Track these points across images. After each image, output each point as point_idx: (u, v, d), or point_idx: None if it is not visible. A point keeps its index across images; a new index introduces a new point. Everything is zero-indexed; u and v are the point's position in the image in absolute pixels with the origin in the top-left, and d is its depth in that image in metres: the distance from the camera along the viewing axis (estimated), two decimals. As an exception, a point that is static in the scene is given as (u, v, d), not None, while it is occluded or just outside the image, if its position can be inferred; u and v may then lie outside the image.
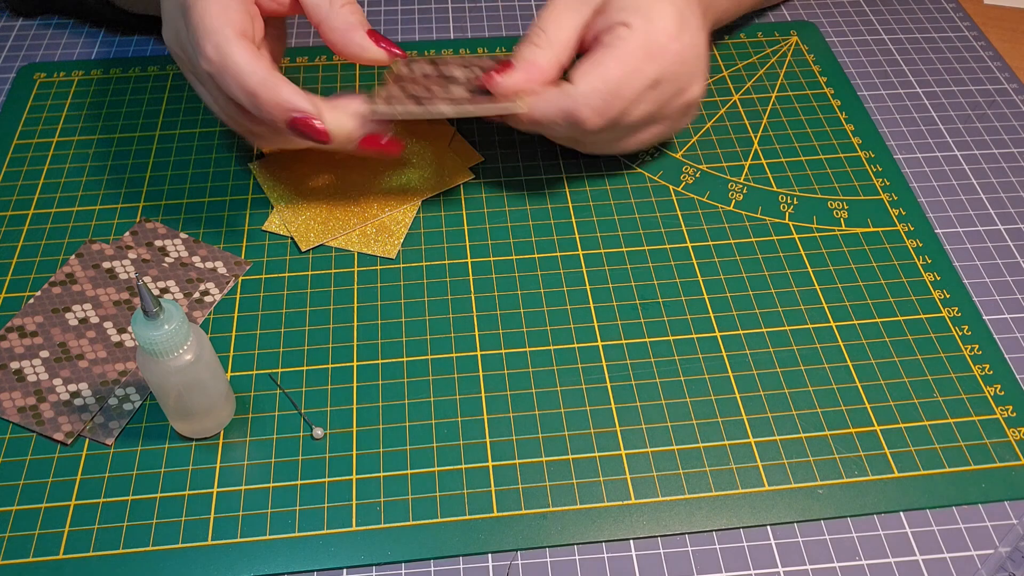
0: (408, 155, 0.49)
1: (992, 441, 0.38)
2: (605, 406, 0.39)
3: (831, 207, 0.47)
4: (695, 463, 0.37)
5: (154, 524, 0.35)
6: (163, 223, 0.46)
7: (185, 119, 0.51)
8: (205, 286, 0.43)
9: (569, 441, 0.38)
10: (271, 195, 0.47)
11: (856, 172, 0.49)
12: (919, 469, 0.37)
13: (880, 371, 0.40)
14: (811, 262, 0.45)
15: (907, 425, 0.38)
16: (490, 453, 0.37)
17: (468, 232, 0.46)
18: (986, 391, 0.40)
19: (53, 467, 0.37)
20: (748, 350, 0.41)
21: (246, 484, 0.36)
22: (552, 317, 0.42)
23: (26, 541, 0.35)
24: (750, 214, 0.47)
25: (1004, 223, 0.47)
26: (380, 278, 0.44)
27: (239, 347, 0.41)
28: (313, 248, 0.45)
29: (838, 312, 0.43)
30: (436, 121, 0.51)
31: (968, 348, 0.41)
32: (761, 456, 0.37)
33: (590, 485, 0.37)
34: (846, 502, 0.36)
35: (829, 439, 0.38)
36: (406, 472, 0.37)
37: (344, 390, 0.39)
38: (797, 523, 0.36)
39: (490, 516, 0.36)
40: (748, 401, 0.39)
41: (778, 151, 0.50)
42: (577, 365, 0.40)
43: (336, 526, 0.35)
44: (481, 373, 0.40)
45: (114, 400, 0.39)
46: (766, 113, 0.52)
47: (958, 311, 0.43)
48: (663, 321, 0.42)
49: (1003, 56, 0.57)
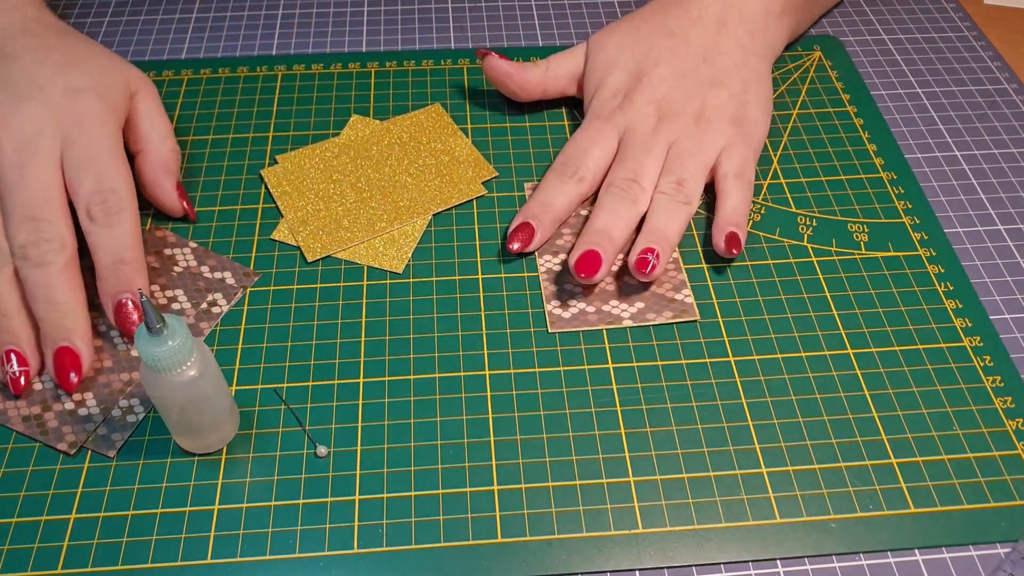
0: (420, 168, 0.48)
1: (1013, 477, 0.37)
2: (615, 431, 0.38)
3: (851, 229, 0.46)
4: (705, 492, 0.36)
5: (153, 540, 0.35)
6: (172, 231, 0.45)
7: (198, 126, 0.51)
8: (213, 296, 0.43)
9: (577, 466, 0.37)
10: (281, 202, 0.46)
11: (878, 194, 0.48)
12: (936, 505, 0.36)
13: (898, 401, 0.39)
14: (829, 286, 0.44)
15: (925, 459, 0.37)
16: (496, 476, 0.37)
17: (480, 248, 0.45)
18: (1008, 425, 0.39)
19: (54, 479, 0.37)
20: (762, 376, 0.40)
21: (247, 502, 0.36)
22: (563, 338, 0.41)
23: (24, 554, 0.34)
24: (768, 235, 0.46)
25: (1004, 223, 0.46)
26: (389, 292, 0.43)
27: (245, 360, 0.40)
28: (321, 259, 0.44)
29: (856, 339, 0.42)
30: (449, 133, 0.50)
31: (990, 379, 0.40)
32: (773, 487, 0.37)
33: (597, 512, 0.36)
34: (860, 537, 0.35)
35: (843, 471, 0.37)
36: (410, 494, 0.36)
37: (349, 407, 0.39)
38: (808, 558, 0.35)
39: (494, 542, 0.35)
40: (761, 429, 0.38)
41: (798, 170, 0.49)
42: (587, 387, 0.40)
43: (337, 548, 0.35)
44: (489, 393, 0.39)
45: (117, 412, 0.38)
46: (787, 131, 0.51)
47: (980, 340, 0.41)
48: (675, 344, 0.41)
49: (1003, 56, 0.57)
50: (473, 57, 0.56)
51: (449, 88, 0.54)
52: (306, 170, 0.48)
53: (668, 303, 0.42)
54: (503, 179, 0.48)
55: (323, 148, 0.49)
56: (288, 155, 0.49)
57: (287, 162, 0.48)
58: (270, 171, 0.48)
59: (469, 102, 0.53)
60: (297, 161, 0.48)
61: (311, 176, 0.48)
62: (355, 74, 0.54)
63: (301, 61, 0.55)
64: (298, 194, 0.47)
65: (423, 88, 0.53)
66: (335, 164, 0.48)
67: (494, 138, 0.51)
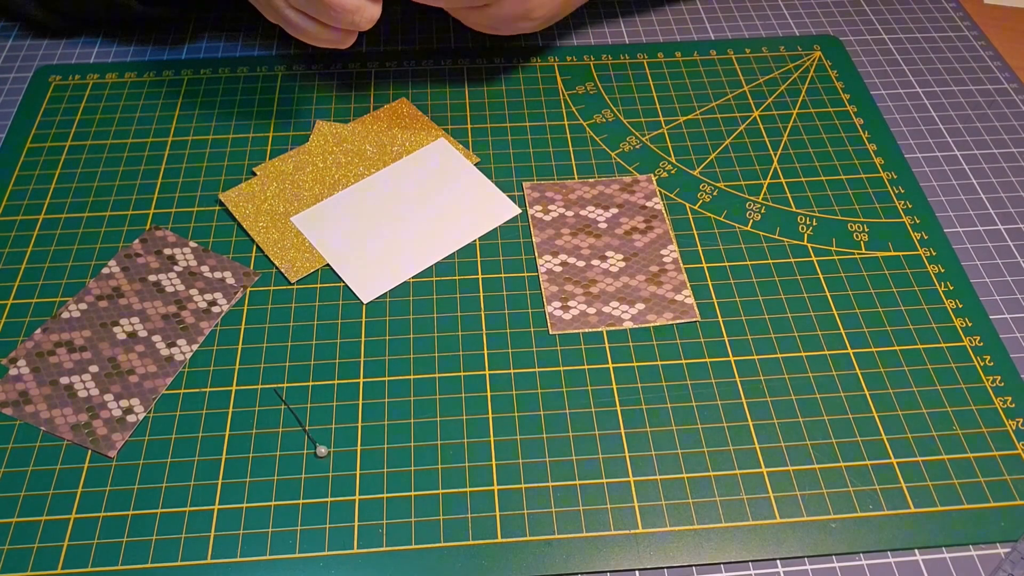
0: (393, 159, 0.48)
1: (1013, 477, 0.37)
2: (615, 431, 0.38)
3: (851, 229, 0.46)
4: (705, 492, 0.36)
5: (154, 540, 0.35)
6: (173, 231, 0.45)
7: (198, 126, 0.51)
8: (213, 296, 0.43)
9: (577, 466, 0.37)
10: (250, 227, 0.45)
11: (878, 194, 0.48)
12: (936, 505, 0.36)
13: (898, 401, 0.39)
14: (829, 286, 0.44)
15: (925, 459, 0.37)
16: (496, 476, 0.37)
17: (480, 248, 0.45)
18: (1008, 425, 0.39)
19: (54, 479, 0.37)
20: (762, 376, 0.40)
21: (247, 502, 0.36)
22: (563, 338, 0.41)
23: (24, 554, 0.34)
24: (767, 235, 0.46)
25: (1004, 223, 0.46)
26: (389, 293, 0.43)
27: (245, 360, 0.40)
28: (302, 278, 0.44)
29: (856, 339, 0.42)
30: (420, 125, 0.50)
31: (990, 379, 0.40)
32: (773, 487, 0.37)
33: (597, 512, 0.36)
34: (860, 537, 0.35)
35: (843, 471, 0.37)
36: (410, 494, 0.36)
37: (349, 407, 0.39)
38: (808, 558, 0.35)
39: (494, 542, 0.35)
40: (761, 429, 0.38)
41: (798, 170, 0.49)
42: (587, 387, 0.40)
43: (337, 547, 0.35)
44: (489, 393, 0.39)
45: (118, 412, 0.38)
46: (787, 130, 0.51)
47: (980, 340, 0.41)
48: (675, 344, 0.41)
49: (1003, 56, 0.57)
50: (473, 57, 0.56)
51: (449, 88, 0.54)
52: (268, 189, 0.47)
53: (668, 304, 0.42)
54: (503, 179, 0.48)
55: (282, 162, 0.48)
56: (242, 186, 0.47)
57: (248, 184, 0.47)
58: (227, 195, 0.47)
59: (469, 101, 0.53)
60: (257, 181, 0.47)
61: (274, 195, 0.47)
62: (355, 74, 0.54)
63: (301, 61, 0.55)
64: (266, 217, 0.45)
65: (423, 88, 0.53)
66: (297, 178, 0.47)
67: (494, 138, 0.51)
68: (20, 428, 0.38)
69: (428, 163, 0.48)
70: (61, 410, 0.38)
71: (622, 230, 0.46)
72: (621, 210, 0.46)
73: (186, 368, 0.40)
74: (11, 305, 0.42)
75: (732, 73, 0.55)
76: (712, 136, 0.51)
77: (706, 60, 0.56)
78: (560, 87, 0.54)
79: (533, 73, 0.55)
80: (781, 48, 0.57)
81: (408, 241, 0.45)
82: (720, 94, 0.54)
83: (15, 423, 0.38)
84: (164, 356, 0.40)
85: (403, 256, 0.44)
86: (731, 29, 0.58)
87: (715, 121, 0.52)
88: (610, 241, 0.45)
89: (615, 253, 0.44)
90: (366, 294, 0.43)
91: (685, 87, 0.54)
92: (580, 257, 0.44)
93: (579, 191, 0.47)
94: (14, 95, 0.53)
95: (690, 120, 0.52)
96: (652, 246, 0.45)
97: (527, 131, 0.51)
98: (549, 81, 0.54)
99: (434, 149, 0.49)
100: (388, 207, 0.46)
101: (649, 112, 0.52)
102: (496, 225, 0.46)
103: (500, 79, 0.54)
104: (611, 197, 0.47)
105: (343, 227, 0.45)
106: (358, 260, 0.44)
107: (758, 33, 0.58)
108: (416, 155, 0.49)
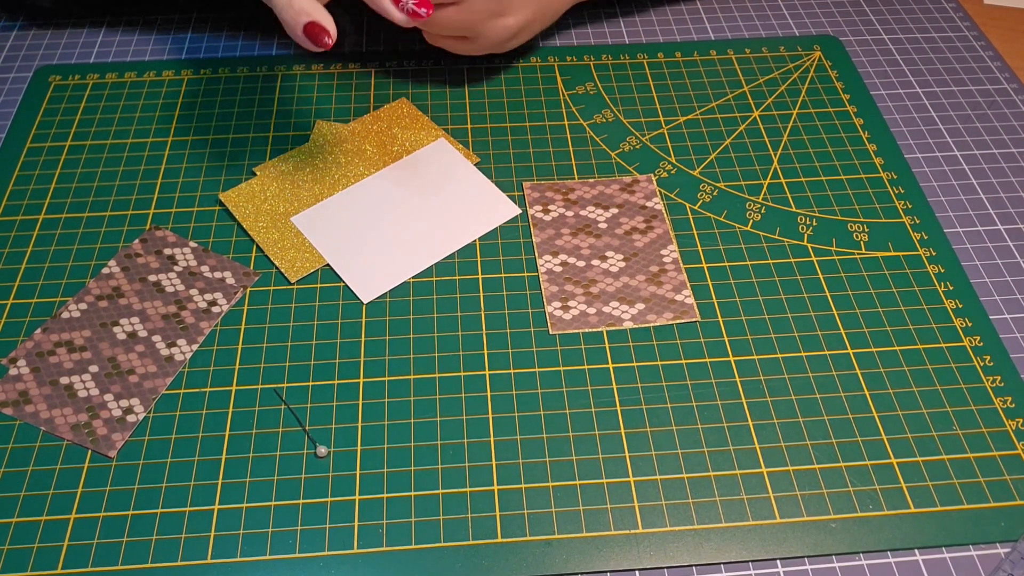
0: (393, 159, 0.48)
1: (1013, 477, 0.37)
2: (615, 431, 0.38)
3: (851, 229, 0.46)
4: (705, 492, 0.36)
5: (153, 540, 0.35)
6: (173, 231, 0.45)
7: (198, 125, 0.51)
8: (213, 296, 0.43)
9: (577, 466, 0.37)
10: (250, 227, 0.45)
11: (878, 193, 0.48)
12: (936, 505, 0.36)
13: (898, 401, 0.39)
14: (829, 286, 0.44)
15: (925, 459, 0.37)
16: (496, 476, 0.37)
17: (480, 248, 0.45)
18: (1008, 425, 0.39)
19: (54, 479, 0.37)
20: (762, 376, 0.40)
21: (247, 502, 0.36)
22: (563, 338, 0.41)
23: (24, 554, 0.34)
24: (767, 235, 0.46)
25: (1004, 223, 0.46)
26: (389, 293, 0.43)
27: (245, 360, 0.40)
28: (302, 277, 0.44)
29: (856, 339, 0.42)
30: (420, 125, 0.50)
31: (990, 379, 0.40)
32: (773, 487, 0.37)
33: (597, 512, 0.36)
34: (860, 537, 0.35)
35: (844, 471, 0.37)
36: (410, 494, 0.36)
37: (349, 407, 0.39)
38: (808, 558, 0.35)
39: (494, 542, 0.35)
40: (761, 429, 0.38)
41: (798, 170, 0.49)
42: (587, 387, 0.40)
43: (337, 547, 0.35)
44: (489, 393, 0.39)
45: (118, 412, 0.38)
46: (787, 131, 0.51)
47: (980, 340, 0.41)
48: (675, 344, 0.41)
49: (1003, 56, 0.57)
50: (473, 57, 0.56)
51: (449, 88, 0.54)
52: (268, 189, 0.47)
53: (668, 304, 0.42)
54: (503, 179, 0.48)
55: (282, 161, 0.48)
56: (242, 186, 0.47)
57: (248, 184, 0.47)
58: (227, 195, 0.47)
59: (469, 101, 0.53)
60: (257, 182, 0.47)
61: (274, 195, 0.47)
62: (355, 74, 0.54)
63: (301, 61, 0.55)
64: (265, 217, 0.46)
65: (423, 88, 0.53)
66: (297, 178, 0.47)
67: (494, 138, 0.51)
68: (20, 428, 0.38)
69: (428, 163, 0.48)
70: (61, 410, 0.38)
71: (622, 230, 0.46)
72: (621, 210, 0.46)
73: (186, 368, 0.40)
74: (11, 305, 0.42)
75: (732, 73, 0.55)
76: (712, 136, 0.51)
77: (706, 60, 0.56)
78: (560, 87, 0.54)
79: (533, 73, 0.55)
80: (781, 48, 0.57)
81: (408, 241, 0.45)
82: (720, 94, 0.54)
83: (15, 423, 0.38)
84: (164, 356, 0.40)
85: (403, 256, 0.44)
86: (731, 29, 0.58)
87: (715, 121, 0.52)
88: (610, 241, 0.45)
89: (615, 253, 0.44)
90: (366, 294, 0.43)
91: (685, 87, 0.54)
92: (580, 257, 0.44)
93: (579, 191, 0.47)
94: (14, 95, 0.53)
95: (690, 120, 0.52)
96: (652, 246, 0.45)
97: (527, 131, 0.51)
98: (549, 81, 0.54)
99: (434, 149, 0.49)
100: (388, 207, 0.46)
101: (649, 112, 0.52)
102: (496, 225, 0.46)
103: (500, 79, 0.54)
104: (611, 197, 0.47)
105: (343, 227, 0.45)
106: (358, 260, 0.44)
107: (758, 33, 0.58)
108: (416, 155, 0.49)
